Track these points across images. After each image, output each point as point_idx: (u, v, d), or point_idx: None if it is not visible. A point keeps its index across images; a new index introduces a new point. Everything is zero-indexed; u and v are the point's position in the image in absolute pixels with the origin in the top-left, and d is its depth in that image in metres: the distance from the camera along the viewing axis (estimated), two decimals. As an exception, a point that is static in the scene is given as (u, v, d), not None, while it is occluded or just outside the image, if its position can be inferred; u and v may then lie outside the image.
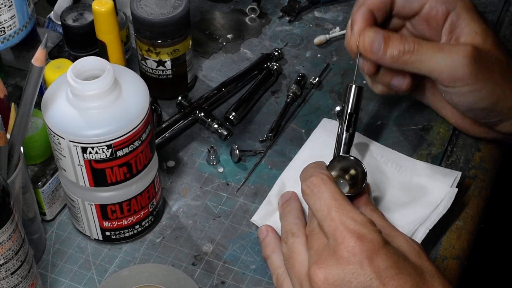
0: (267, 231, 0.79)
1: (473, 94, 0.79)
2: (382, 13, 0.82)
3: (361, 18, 0.80)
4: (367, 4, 0.81)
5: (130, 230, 0.80)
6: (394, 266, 0.66)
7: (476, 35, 0.79)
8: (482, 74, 0.78)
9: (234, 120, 0.92)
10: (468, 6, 0.81)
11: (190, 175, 0.87)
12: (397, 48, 0.78)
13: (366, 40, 0.79)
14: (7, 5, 0.80)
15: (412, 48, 0.78)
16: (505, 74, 0.80)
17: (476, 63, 0.77)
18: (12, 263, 0.68)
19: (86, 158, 0.72)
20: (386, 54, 0.78)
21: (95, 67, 0.73)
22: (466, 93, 0.79)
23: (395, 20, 0.85)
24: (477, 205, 0.85)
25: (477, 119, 0.85)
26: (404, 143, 0.90)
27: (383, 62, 0.80)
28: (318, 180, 0.71)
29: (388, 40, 0.78)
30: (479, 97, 0.80)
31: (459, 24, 0.80)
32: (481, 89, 0.79)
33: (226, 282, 0.78)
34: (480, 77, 0.78)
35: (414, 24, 0.84)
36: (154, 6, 0.89)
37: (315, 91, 0.96)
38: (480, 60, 0.78)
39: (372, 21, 0.81)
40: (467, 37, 0.79)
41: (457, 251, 0.81)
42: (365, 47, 0.79)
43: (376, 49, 0.79)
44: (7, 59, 0.96)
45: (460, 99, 0.81)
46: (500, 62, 0.80)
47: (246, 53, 1.01)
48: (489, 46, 0.79)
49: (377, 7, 0.81)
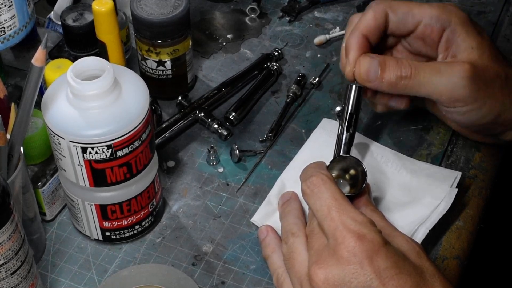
0: (267, 231, 0.79)
1: (474, 112, 0.79)
2: (376, 36, 0.81)
3: (355, 45, 0.80)
4: (360, 30, 0.80)
5: (130, 230, 0.80)
6: (394, 266, 0.66)
7: (472, 51, 0.79)
8: (481, 92, 0.78)
9: (234, 120, 0.92)
10: (463, 20, 0.80)
11: (190, 175, 0.87)
12: (394, 73, 0.78)
13: (362, 69, 0.79)
14: (7, 5, 0.80)
15: (409, 73, 0.78)
16: (504, 88, 0.80)
17: (474, 83, 0.77)
18: (12, 263, 0.68)
19: (86, 158, 0.72)
20: (383, 81, 0.78)
21: (95, 67, 0.73)
22: (466, 112, 0.79)
23: (390, 39, 0.84)
24: (477, 205, 0.85)
25: (480, 133, 0.85)
26: (404, 143, 0.90)
27: (381, 88, 0.79)
28: (318, 180, 0.71)
29: (384, 66, 0.78)
30: (480, 115, 0.80)
31: (455, 40, 0.80)
32: (481, 107, 0.79)
33: (226, 282, 0.78)
34: (479, 96, 0.78)
35: (409, 41, 0.83)
36: (154, 6, 0.89)
37: (315, 91, 0.96)
38: (478, 78, 0.78)
39: (366, 46, 0.80)
40: (464, 53, 0.79)
41: (457, 251, 0.81)
42: (361, 75, 0.79)
43: (372, 77, 0.78)
44: (7, 59, 0.96)
45: (461, 118, 0.81)
46: (498, 77, 0.79)
47: (246, 53, 1.01)
48: (486, 60, 0.79)
49: (371, 32, 0.81)
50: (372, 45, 0.81)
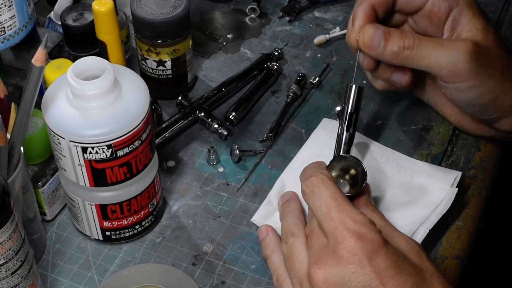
0: (266, 231, 0.79)
1: (473, 90, 0.79)
2: (384, 9, 0.82)
3: (362, 14, 0.80)
4: (369, 0, 0.81)
5: (130, 230, 0.80)
6: (394, 266, 0.66)
7: (477, 32, 0.79)
8: (482, 70, 0.78)
9: (234, 120, 0.92)
10: (470, 2, 0.81)
11: (190, 175, 0.87)
12: (397, 44, 0.78)
13: (366, 36, 0.79)
14: (7, 5, 0.80)
15: (412, 44, 0.78)
16: (505, 71, 0.80)
17: (476, 59, 0.78)
18: (12, 263, 0.68)
19: (86, 158, 0.72)
20: (386, 50, 0.79)
21: (95, 67, 0.73)
22: (465, 89, 0.80)
23: (397, 16, 0.85)
24: (477, 205, 0.85)
25: (476, 115, 0.85)
26: (404, 143, 0.90)
27: (383, 58, 0.80)
28: (318, 180, 0.71)
29: (388, 36, 0.79)
30: (479, 93, 0.80)
31: (461, 21, 0.80)
32: (481, 85, 0.79)
33: (226, 282, 0.78)
34: (480, 73, 0.78)
35: (416, 20, 0.84)
36: (154, 6, 0.89)
37: (315, 91, 0.96)
38: (480, 56, 0.78)
39: (373, 17, 0.81)
40: (468, 33, 0.80)
41: (457, 251, 0.81)
42: (365, 43, 0.79)
43: (376, 45, 0.79)
44: (7, 59, 0.96)
45: (459, 95, 0.81)
46: (500, 59, 0.80)
47: (246, 53, 1.01)
48: (490, 42, 0.80)
49: (379, 3, 0.81)
50: (379, 18, 0.82)
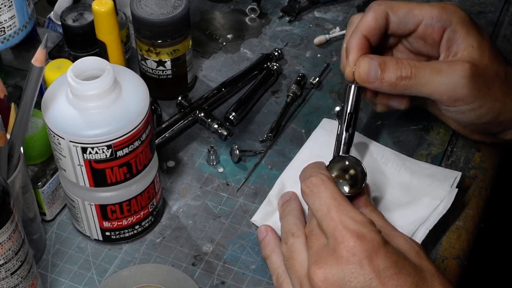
0: (266, 231, 0.79)
1: (474, 112, 0.80)
2: (377, 37, 0.81)
3: (355, 46, 0.80)
4: (360, 30, 0.80)
5: (130, 230, 0.80)
6: (393, 265, 0.66)
7: (473, 50, 0.79)
8: (481, 92, 0.78)
9: (234, 120, 0.92)
10: (463, 20, 0.80)
11: (190, 175, 0.87)
12: (394, 74, 0.78)
13: (362, 69, 0.79)
14: (7, 5, 0.80)
15: (410, 73, 0.78)
16: (504, 87, 0.80)
17: (474, 82, 0.78)
18: (12, 263, 0.68)
19: (86, 158, 0.72)
20: (383, 82, 0.78)
21: (95, 67, 0.73)
22: (467, 111, 0.80)
23: (391, 39, 0.84)
24: (477, 205, 0.85)
25: (479, 132, 0.85)
26: (404, 143, 0.90)
27: (381, 89, 0.80)
28: (318, 180, 0.71)
29: (384, 67, 0.78)
30: (480, 114, 0.80)
31: (456, 40, 0.80)
32: (482, 106, 0.79)
33: (226, 282, 0.78)
34: (479, 95, 0.78)
35: (410, 41, 0.83)
36: (154, 6, 0.89)
37: (315, 91, 0.96)
38: (479, 77, 0.78)
39: (366, 47, 0.80)
40: (464, 52, 0.79)
41: (457, 251, 0.81)
42: (361, 77, 0.79)
43: (372, 78, 0.79)
44: (7, 59, 0.96)
45: (461, 116, 0.81)
46: (498, 75, 0.80)
47: (246, 53, 1.01)
48: (486, 59, 0.79)
49: (371, 32, 0.81)
50: (372, 45, 0.81)
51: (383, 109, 0.86)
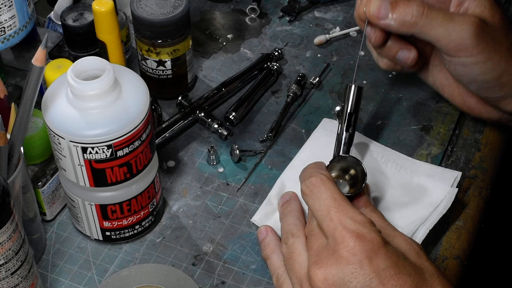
0: (266, 231, 0.79)
1: (477, 66, 0.79)
2: None
3: None
4: None
5: (130, 230, 0.80)
6: (393, 266, 0.66)
7: (484, 9, 0.80)
8: (487, 46, 0.78)
9: (234, 120, 0.92)
10: None
11: (190, 175, 0.87)
12: (404, 11, 0.78)
13: (373, 6, 0.79)
14: (7, 5, 0.80)
15: (422, 11, 0.78)
16: (510, 49, 0.80)
17: (482, 35, 0.78)
18: (12, 263, 0.68)
19: (86, 158, 0.72)
20: (393, 18, 0.78)
21: (95, 67, 0.73)
22: (470, 64, 0.79)
23: None
24: (477, 205, 0.85)
25: (480, 93, 0.84)
26: (404, 143, 0.90)
27: (390, 27, 0.79)
28: (318, 181, 0.71)
29: (395, 4, 0.78)
30: (483, 69, 0.80)
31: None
32: (486, 61, 0.79)
33: (226, 282, 0.78)
34: (485, 49, 0.78)
35: None
36: (154, 6, 0.89)
37: (315, 91, 0.96)
38: (487, 32, 0.78)
39: None
40: (475, 10, 0.80)
41: (457, 251, 0.81)
42: (372, 12, 0.79)
43: (383, 14, 0.79)
44: (7, 59, 0.96)
45: (464, 70, 0.81)
46: (506, 38, 0.80)
47: (246, 53, 1.01)
48: (497, 21, 0.80)
49: None
50: None
51: (388, 65, 0.85)
